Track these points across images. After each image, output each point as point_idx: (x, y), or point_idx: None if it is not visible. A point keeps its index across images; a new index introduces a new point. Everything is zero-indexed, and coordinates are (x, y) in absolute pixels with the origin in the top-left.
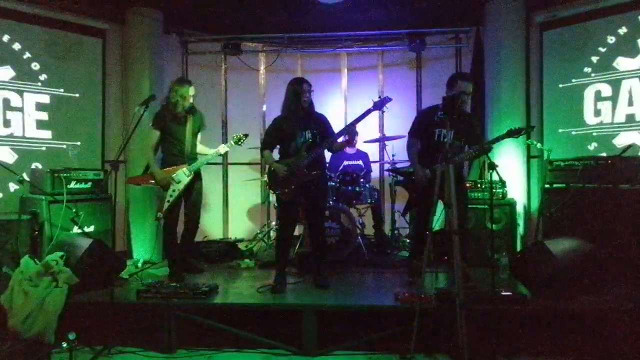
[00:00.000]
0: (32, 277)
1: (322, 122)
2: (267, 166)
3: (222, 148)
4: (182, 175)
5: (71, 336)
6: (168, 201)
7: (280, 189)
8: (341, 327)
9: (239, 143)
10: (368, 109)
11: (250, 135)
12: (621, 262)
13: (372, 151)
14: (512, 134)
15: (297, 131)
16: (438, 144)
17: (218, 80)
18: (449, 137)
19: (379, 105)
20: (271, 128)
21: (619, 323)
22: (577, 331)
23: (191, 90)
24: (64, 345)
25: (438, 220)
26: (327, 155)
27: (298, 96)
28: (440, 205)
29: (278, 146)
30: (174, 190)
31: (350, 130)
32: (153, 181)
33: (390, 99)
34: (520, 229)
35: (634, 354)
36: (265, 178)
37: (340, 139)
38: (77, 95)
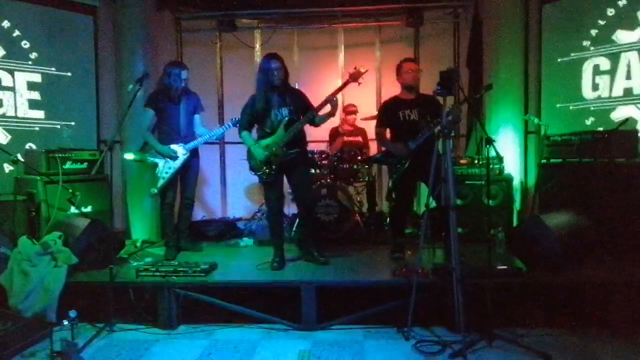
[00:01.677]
0: (30, 258)
1: (298, 97)
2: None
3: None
4: (180, 153)
5: (72, 314)
6: (163, 178)
7: (261, 171)
8: (340, 302)
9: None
10: (345, 80)
11: None
12: (617, 235)
13: (370, 128)
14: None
15: (273, 109)
16: (405, 124)
17: (213, 58)
18: (415, 116)
19: (355, 76)
20: (246, 108)
21: (613, 295)
22: (573, 303)
23: (184, 74)
24: (66, 322)
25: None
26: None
27: (268, 75)
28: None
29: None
30: (169, 168)
31: (332, 102)
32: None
33: (365, 70)
34: (517, 205)
35: (627, 325)
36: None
37: (321, 112)
38: (69, 74)
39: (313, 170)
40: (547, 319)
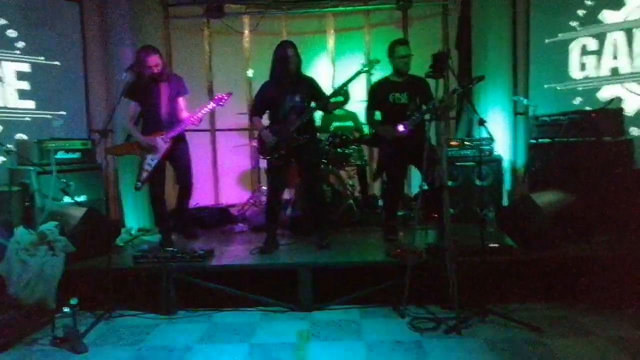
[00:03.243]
0: (27, 247)
1: (311, 85)
2: (256, 132)
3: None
4: (159, 142)
5: (73, 301)
6: (146, 170)
7: (270, 155)
8: (336, 283)
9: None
10: (357, 71)
11: (237, 100)
12: (603, 212)
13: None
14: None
15: (286, 96)
16: (395, 107)
17: (201, 44)
18: (404, 99)
19: (367, 67)
20: (259, 94)
21: (601, 270)
22: (562, 278)
23: (155, 59)
24: (66, 310)
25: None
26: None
27: (284, 61)
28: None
29: (268, 111)
30: (152, 160)
31: (345, 91)
32: (135, 149)
33: (378, 61)
34: (507, 185)
35: (615, 298)
36: (254, 143)
37: (332, 100)
38: (58, 63)
39: None
40: (538, 294)
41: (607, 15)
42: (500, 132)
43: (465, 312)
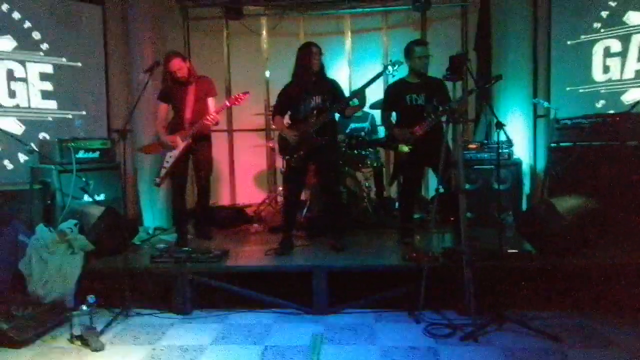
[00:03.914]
0: (48, 245)
1: (333, 87)
2: (277, 132)
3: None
4: (179, 141)
5: (91, 299)
6: (164, 167)
7: (290, 155)
8: (351, 286)
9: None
10: (378, 72)
11: (255, 101)
12: (627, 219)
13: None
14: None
15: (308, 96)
16: (412, 108)
17: (220, 46)
18: (421, 100)
19: (388, 68)
20: (282, 94)
21: (623, 278)
22: (582, 286)
23: (177, 63)
24: (84, 307)
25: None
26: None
27: (307, 60)
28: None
29: (289, 112)
30: (170, 157)
31: (362, 94)
32: (159, 148)
33: (401, 63)
34: (526, 188)
35: (637, 307)
36: (271, 144)
37: (351, 103)
38: (80, 64)
39: None
40: (557, 302)
41: (632, 17)
42: (520, 135)
43: (482, 319)
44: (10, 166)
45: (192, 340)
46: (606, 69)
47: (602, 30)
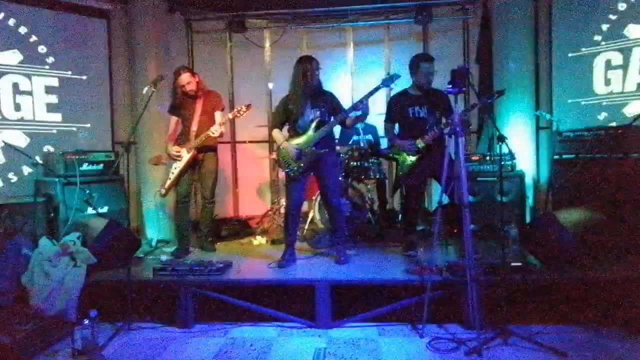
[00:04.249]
0: (51, 258)
1: (330, 100)
2: (276, 145)
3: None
4: (184, 152)
5: (92, 313)
6: (169, 178)
7: (290, 168)
8: (354, 299)
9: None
10: (376, 86)
11: (257, 113)
12: (631, 232)
13: (380, 124)
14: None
15: (306, 109)
16: (414, 121)
17: (223, 58)
18: (424, 113)
19: (387, 82)
20: (279, 106)
21: (629, 292)
22: (587, 300)
23: (184, 78)
24: (86, 321)
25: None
26: (337, 132)
27: (305, 74)
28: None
29: (287, 125)
30: (175, 168)
31: (363, 107)
32: (166, 159)
33: (399, 76)
34: (530, 201)
35: None
36: (274, 156)
37: (352, 114)
38: (85, 77)
39: None
40: (562, 316)
41: (633, 30)
42: (522, 147)
43: (487, 333)
44: (14, 179)
45: (194, 355)
46: (608, 82)
47: (602, 42)
